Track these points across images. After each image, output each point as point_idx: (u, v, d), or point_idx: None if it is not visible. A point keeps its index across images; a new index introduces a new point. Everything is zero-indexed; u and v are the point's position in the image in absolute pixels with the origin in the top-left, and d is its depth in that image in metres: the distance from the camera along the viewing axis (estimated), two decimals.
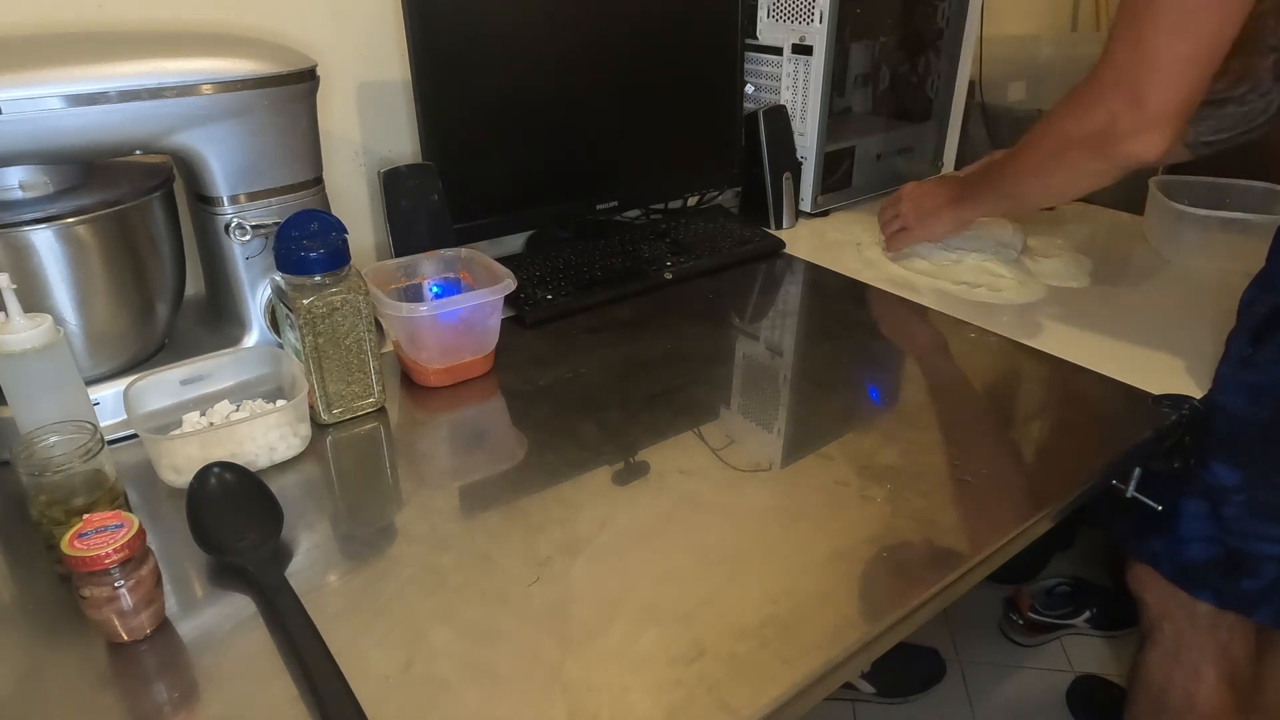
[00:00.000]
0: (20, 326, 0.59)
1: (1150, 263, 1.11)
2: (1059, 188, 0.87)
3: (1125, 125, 0.73)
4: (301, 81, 0.76)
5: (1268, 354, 0.75)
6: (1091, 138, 0.77)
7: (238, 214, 0.76)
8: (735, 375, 0.85)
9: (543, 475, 0.68)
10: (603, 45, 1.04)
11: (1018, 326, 0.92)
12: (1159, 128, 0.72)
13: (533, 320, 0.93)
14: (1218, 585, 0.83)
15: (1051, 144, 0.83)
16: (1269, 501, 0.76)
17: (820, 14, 1.15)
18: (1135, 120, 0.73)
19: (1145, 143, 0.73)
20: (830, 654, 0.51)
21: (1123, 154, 0.75)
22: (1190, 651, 0.90)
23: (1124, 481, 0.82)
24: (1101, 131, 0.75)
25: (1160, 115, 0.71)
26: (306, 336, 0.71)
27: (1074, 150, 0.80)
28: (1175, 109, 0.71)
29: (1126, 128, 0.73)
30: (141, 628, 0.52)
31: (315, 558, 0.60)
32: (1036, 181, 0.87)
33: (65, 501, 0.56)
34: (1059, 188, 0.87)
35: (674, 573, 0.58)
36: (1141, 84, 0.71)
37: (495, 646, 0.52)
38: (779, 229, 1.23)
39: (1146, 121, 0.72)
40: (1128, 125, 0.73)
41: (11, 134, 0.63)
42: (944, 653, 1.40)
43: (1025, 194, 0.91)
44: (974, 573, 0.59)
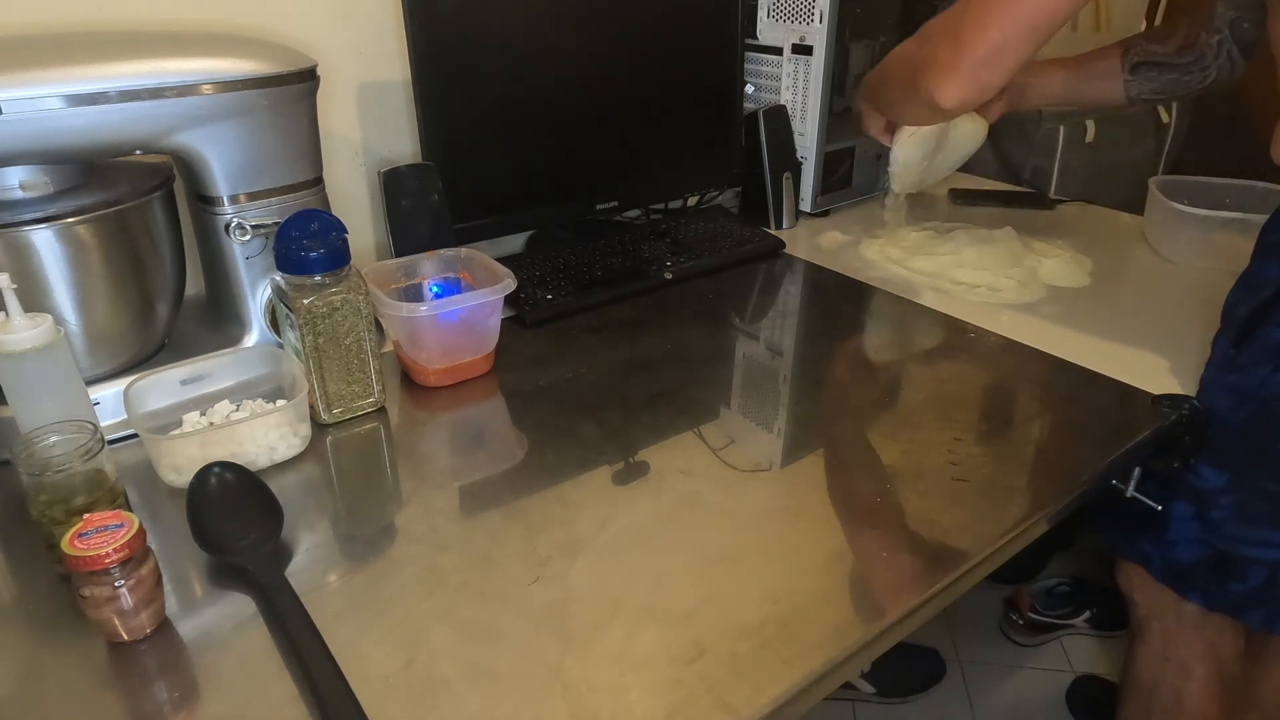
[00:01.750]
0: (20, 326, 0.59)
1: (1150, 263, 1.11)
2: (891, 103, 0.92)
3: (938, 62, 0.76)
4: (301, 81, 0.76)
5: (1249, 355, 0.75)
6: (914, 63, 0.80)
7: (238, 214, 0.76)
8: (735, 375, 0.85)
9: (543, 475, 0.68)
10: (603, 45, 1.05)
11: (1018, 326, 0.92)
12: (962, 75, 0.74)
13: (533, 320, 0.93)
14: (1206, 587, 0.83)
15: (894, 58, 0.87)
16: (1256, 505, 0.76)
17: (820, 14, 1.15)
18: (946, 61, 0.75)
19: (946, 85, 0.75)
20: (830, 654, 0.51)
21: (926, 89, 0.77)
22: (1179, 650, 0.91)
23: (1124, 481, 0.82)
24: (923, 61, 0.78)
25: (967, 64, 0.74)
26: (306, 336, 0.71)
27: (903, 72, 0.83)
28: (982, 61, 0.73)
29: (937, 65, 0.76)
30: (141, 627, 0.52)
31: (315, 557, 0.60)
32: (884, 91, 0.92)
33: (65, 501, 0.56)
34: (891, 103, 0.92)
35: (674, 573, 0.58)
36: (963, 28, 0.74)
37: (495, 646, 0.52)
38: (779, 229, 1.23)
39: (953, 65, 0.75)
40: (939, 63, 0.76)
41: (12, 134, 0.63)
42: (944, 653, 1.40)
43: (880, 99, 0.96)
44: (974, 573, 0.59)
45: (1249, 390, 0.74)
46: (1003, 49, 0.73)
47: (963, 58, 0.74)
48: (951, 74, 0.75)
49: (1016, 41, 0.73)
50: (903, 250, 1.12)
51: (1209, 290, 1.00)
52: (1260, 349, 0.74)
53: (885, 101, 0.95)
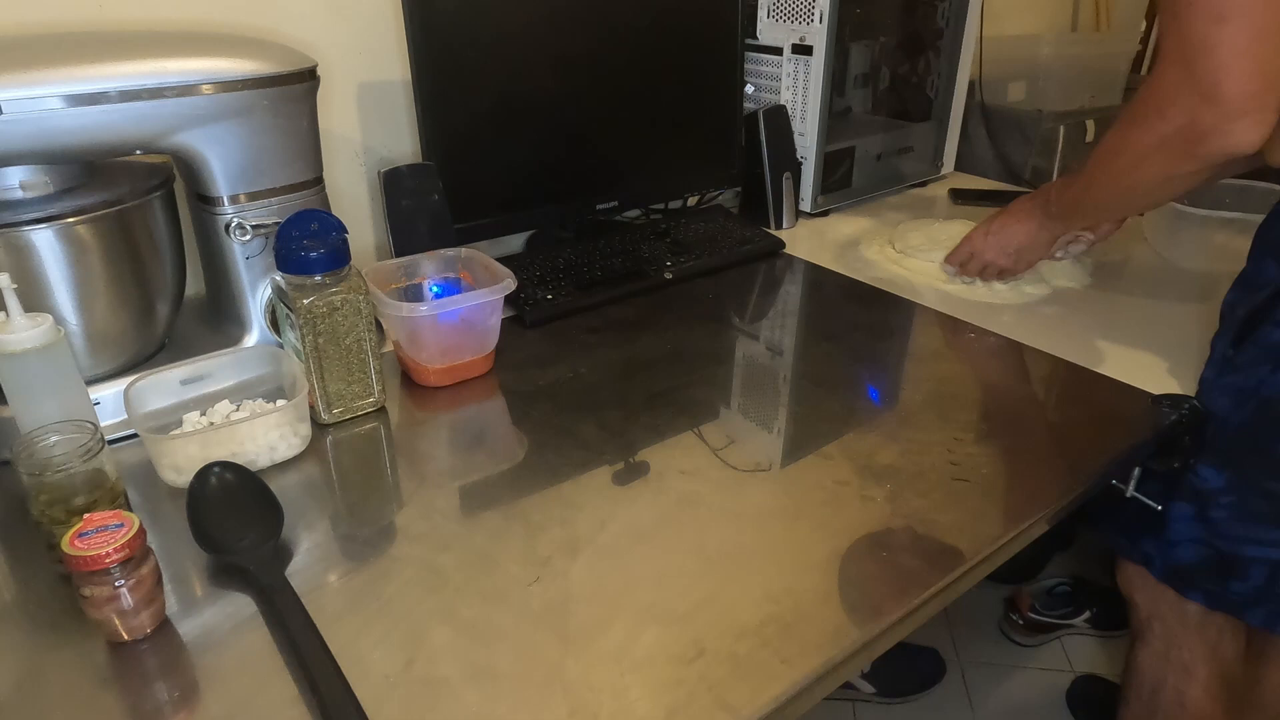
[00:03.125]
0: (21, 326, 0.59)
1: (1150, 263, 1.11)
2: (1150, 194, 0.83)
3: (1207, 122, 0.68)
4: (302, 81, 0.76)
5: (1248, 355, 0.74)
6: (1172, 142, 0.72)
7: (238, 214, 0.76)
8: (735, 375, 0.85)
9: (543, 475, 0.68)
10: (603, 45, 1.05)
11: (1018, 326, 0.92)
12: (1246, 114, 0.67)
13: (533, 320, 0.93)
14: (1207, 586, 0.83)
15: (1129, 157, 0.78)
16: (1255, 505, 0.76)
17: (820, 14, 1.15)
18: (1216, 114, 0.68)
19: (1237, 133, 0.68)
20: (830, 653, 0.51)
21: (1212, 151, 0.70)
22: (1180, 651, 0.91)
23: (1124, 481, 0.82)
24: (1182, 134, 0.70)
25: (1241, 101, 0.66)
26: (307, 336, 0.71)
27: (1155, 158, 0.75)
28: (1255, 91, 0.66)
29: (1209, 124, 0.68)
30: (142, 627, 0.52)
31: (315, 557, 0.60)
32: (1121, 196, 0.84)
33: (66, 501, 0.56)
34: (1150, 194, 0.83)
35: (674, 572, 0.58)
36: (1208, 77, 0.67)
37: (495, 646, 0.52)
38: (779, 229, 1.23)
39: (1229, 113, 0.67)
40: (1210, 121, 0.68)
41: (12, 134, 0.63)
42: (944, 653, 1.40)
43: (1115, 205, 0.89)
44: (974, 573, 0.59)
45: (1248, 390, 0.74)
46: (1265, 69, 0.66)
47: (1232, 97, 0.67)
48: (1240, 117, 0.67)
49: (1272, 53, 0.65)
50: (903, 250, 1.12)
51: (1209, 290, 1.00)
52: (1259, 349, 0.74)
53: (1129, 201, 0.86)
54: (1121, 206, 0.90)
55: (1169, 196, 0.84)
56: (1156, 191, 0.80)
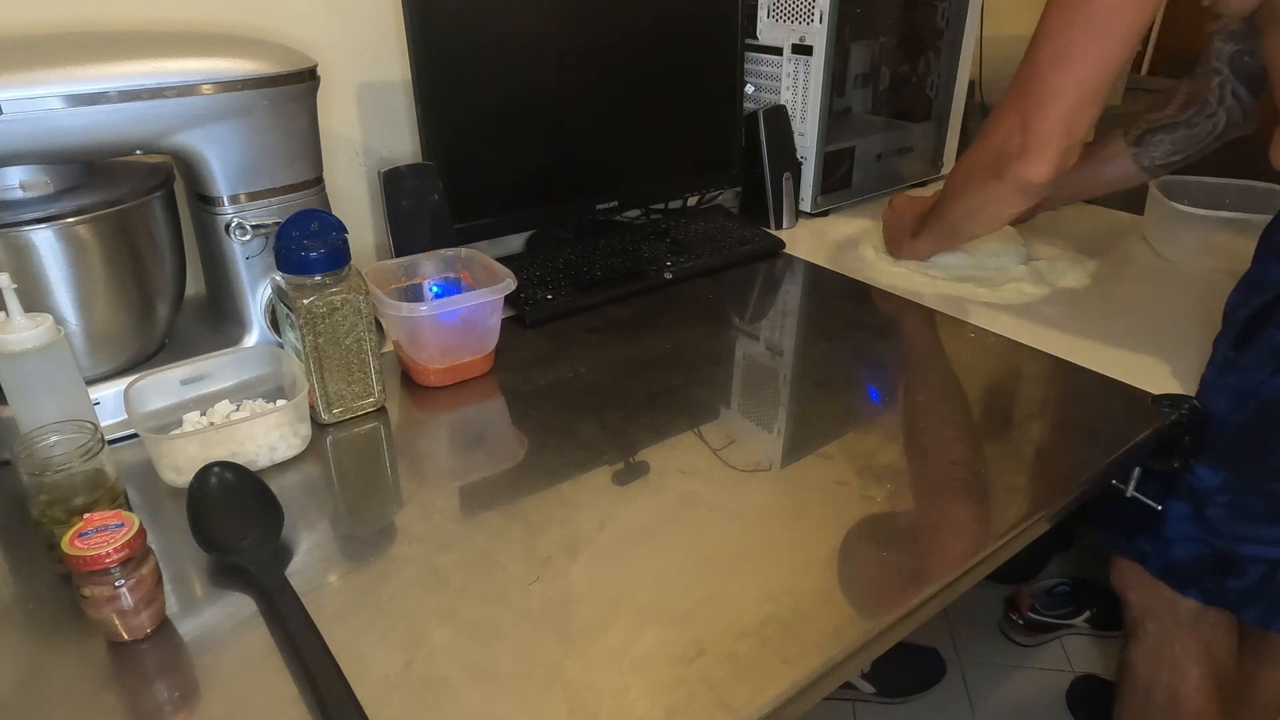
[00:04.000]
0: (21, 326, 0.59)
1: (1150, 263, 1.11)
2: (973, 213, 0.91)
3: (1014, 146, 0.79)
4: (302, 81, 0.76)
5: (1250, 357, 0.75)
6: (990, 159, 0.82)
7: (238, 214, 0.76)
8: (735, 375, 0.85)
9: (543, 475, 0.68)
10: (603, 45, 1.05)
11: (1018, 326, 0.93)
12: (1043, 150, 0.77)
13: (533, 320, 0.93)
14: (1204, 585, 0.84)
15: (963, 169, 0.89)
16: (1252, 504, 0.77)
17: (820, 14, 1.15)
18: (1022, 142, 0.78)
19: (1031, 164, 0.78)
20: (830, 653, 0.51)
21: (1012, 174, 0.80)
22: (1174, 649, 0.91)
23: (1124, 481, 0.82)
24: (997, 154, 0.81)
25: (1044, 138, 0.77)
26: (307, 336, 0.71)
27: (978, 172, 0.85)
28: (1058, 132, 0.77)
29: (1015, 149, 0.79)
30: (142, 627, 0.52)
31: (316, 557, 0.60)
32: (957, 209, 0.93)
33: (66, 501, 0.56)
34: (973, 213, 0.91)
35: (674, 572, 0.58)
36: (1030, 109, 0.77)
37: (495, 646, 0.52)
38: (779, 229, 1.23)
39: (1031, 143, 0.78)
40: (1015, 146, 0.79)
41: (12, 134, 0.63)
42: (944, 653, 1.40)
43: (956, 224, 0.96)
44: (974, 572, 0.59)
45: (1249, 391, 0.74)
46: (1073, 118, 0.76)
47: (1038, 137, 0.77)
48: (1036, 153, 0.78)
49: (1082, 105, 0.76)
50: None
51: (1209, 290, 1.00)
52: (1261, 351, 0.74)
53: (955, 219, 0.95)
54: (957, 220, 0.96)
55: (990, 218, 0.92)
56: (980, 208, 0.90)
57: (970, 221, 0.95)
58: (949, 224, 0.98)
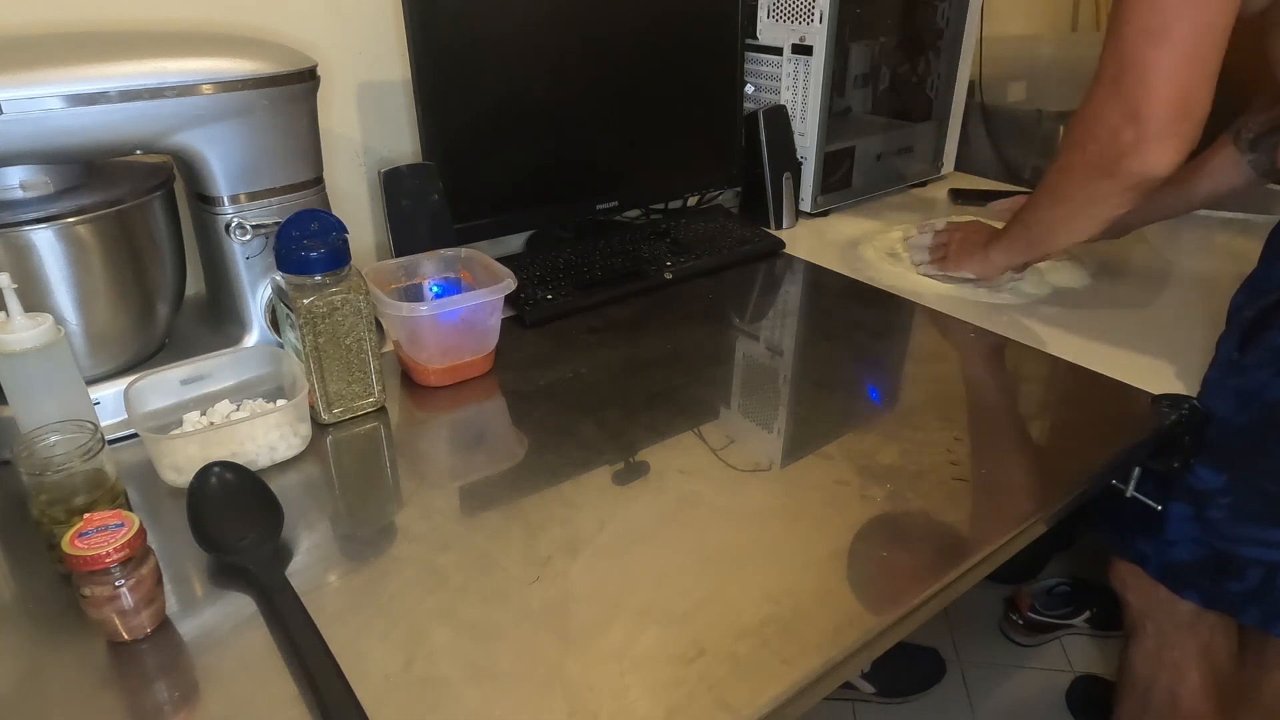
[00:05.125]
0: (21, 326, 0.59)
1: (1150, 263, 1.11)
2: (1076, 219, 0.82)
3: (1127, 140, 0.70)
4: (302, 81, 0.76)
5: (1253, 358, 0.74)
6: (1096, 159, 0.73)
7: (238, 214, 0.76)
8: (735, 375, 0.85)
9: (543, 475, 0.68)
10: (603, 45, 1.04)
11: (1018, 326, 0.93)
12: (1163, 138, 0.68)
13: (533, 320, 0.93)
14: (1203, 586, 0.83)
15: (1059, 172, 0.80)
16: (1254, 506, 0.76)
17: (820, 14, 1.15)
18: (1136, 134, 0.69)
19: (1150, 155, 0.69)
20: (830, 653, 0.51)
21: (1128, 172, 0.71)
22: (1173, 650, 0.91)
23: (1123, 481, 0.82)
24: (1104, 151, 0.72)
25: (1162, 125, 0.68)
26: (307, 336, 0.71)
27: (1080, 174, 0.76)
28: (1174, 115, 0.67)
29: (1128, 143, 0.70)
30: (142, 627, 0.52)
31: (316, 557, 0.60)
32: (1053, 215, 0.84)
33: (66, 501, 0.56)
34: (1076, 219, 0.82)
35: (674, 572, 0.58)
36: (1131, 94, 0.68)
37: (495, 646, 0.52)
38: (779, 229, 1.23)
39: (1148, 133, 0.68)
40: (1129, 140, 0.69)
41: (12, 134, 0.63)
42: (944, 653, 1.40)
43: (1046, 231, 0.87)
44: (974, 572, 0.59)
45: (1251, 393, 0.74)
46: (1188, 95, 0.67)
47: (1156, 124, 0.68)
48: (1155, 142, 0.68)
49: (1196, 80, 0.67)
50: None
51: (1209, 290, 1.00)
52: (1264, 352, 0.74)
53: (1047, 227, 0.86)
54: (1053, 229, 0.86)
55: (1095, 222, 0.81)
56: (1084, 211, 0.80)
57: (1065, 228, 0.85)
58: (1037, 233, 0.89)
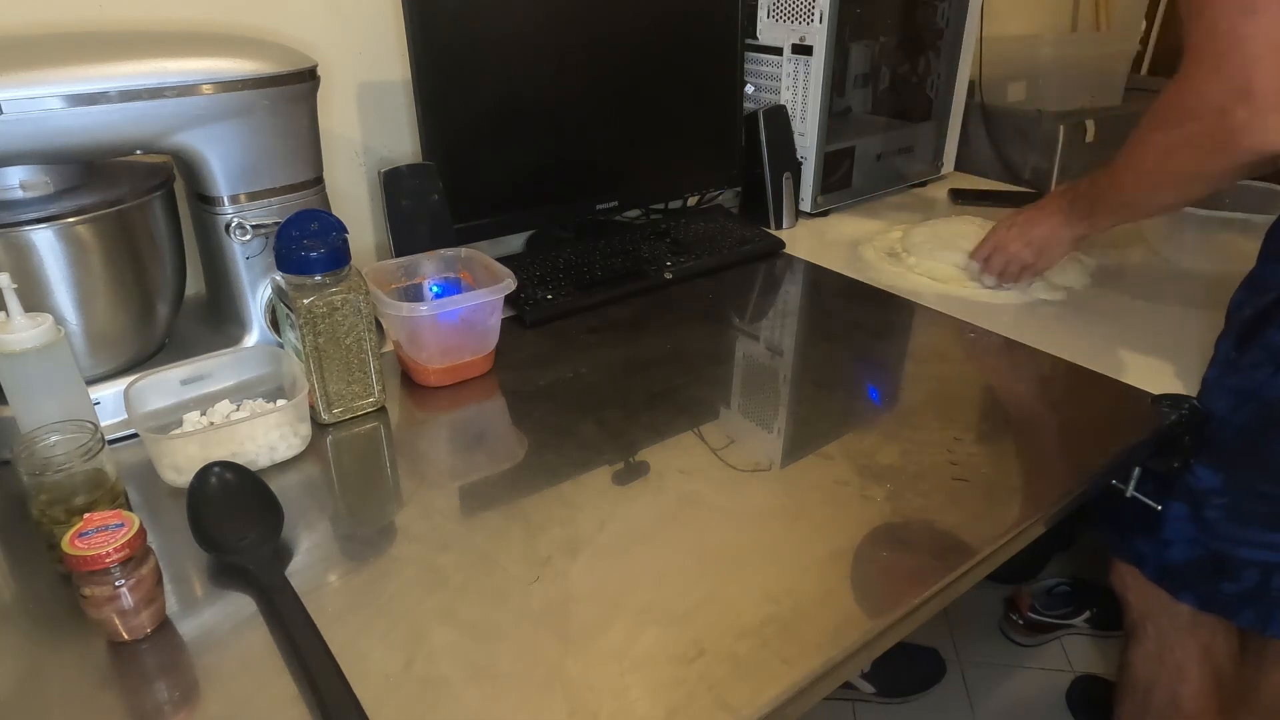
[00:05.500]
0: (21, 326, 0.59)
1: (1150, 263, 1.11)
2: (1173, 195, 0.82)
3: (1240, 119, 0.67)
4: (302, 81, 0.76)
5: (1252, 356, 0.74)
6: (1202, 140, 0.71)
7: (238, 214, 0.76)
8: (735, 375, 0.85)
9: (543, 475, 0.68)
10: (603, 45, 1.04)
11: (1018, 326, 0.93)
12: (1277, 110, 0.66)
13: (533, 320, 0.93)
14: (1199, 588, 0.83)
15: (1156, 154, 0.78)
16: (1250, 506, 0.76)
17: (820, 14, 1.15)
18: (1250, 110, 0.67)
19: (1272, 129, 0.67)
20: (830, 653, 0.51)
21: (1247, 148, 0.69)
22: (1173, 651, 0.91)
23: (1123, 481, 0.82)
24: (1214, 132, 0.70)
25: (1275, 97, 0.66)
26: (307, 336, 0.71)
27: (1184, 156, 0.75)
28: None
29: (1242, 121, 0.67)
30: (142, 627, 0.52)
31: (316, 557, 0.60)
32: (1149, 194, 0.83)
33: (66, 501, 0.56)
34: (1173, 195, 0.82)
35: (674, 572, 0.58)
36: (1240, 72, 0.66)
37: (495, 646, 0.52)
38: (779, 229, 1.23)
39: (1263, 108, 0.66)
40: (1243, 118, 0.67)
41: (12, 134, 0.63)
42: (944, 653, 1.40)
43: (1140, 206, 0.87)
44: (974, 572, 0.59)
45: (1249, 392, 0.74)
46: None
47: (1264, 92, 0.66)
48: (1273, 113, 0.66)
49: None
50: (903, 250, 1.12)
51: (1209, 290, 1.00)
52: (1262, 351, 0.74)
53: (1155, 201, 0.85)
54: (1146, 205, 0.86)
55: (1196, 195, 0.81)
56: (1183, 189, 0.79)
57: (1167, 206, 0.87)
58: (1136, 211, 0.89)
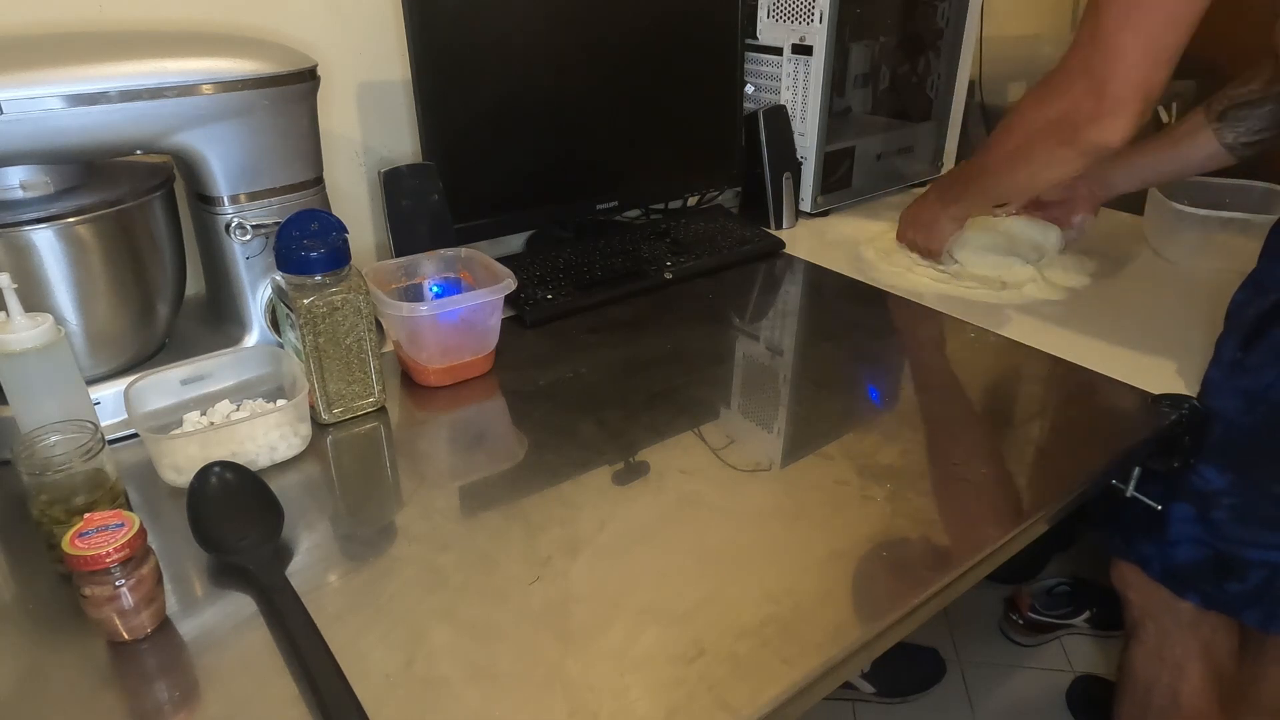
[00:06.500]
0: (21, 326, 0.59)
1: (1150, 263, 1.11)
2: (1031, 176, 0.89)
3: (1086, 111, 0.75)
4: (302, 81, 0.76)
5: (1258, 357, 0.74)
6: (1055, 125, 0.79)
7: (238, 214, 0.76)
8: (735, 375, 0.85)
9: (543, 475, 0.68)
10: (603, 45, 1.04)
11: (1018, 326, 0.93)
12: (1118, 113, 0.74)
13: (533, 320, 0.93)
14: (1204, 588, 0.83)
15: (1020, 134, 0.85)
16: (1258, 507, 0.76)
17: (820, 14, 1.15)
18: (1095, 107, 0.74)
19: (1106, 128, 0.75)
20: (830, 653, 0.51)
21: (1085, 140, 0.77)
22: (1174, 649, 0.91)
23: (1124, 481, 0.82)
24: (1064, 119, 0.77)
25: (1118, 101, 0.73)
26: (307, 336, 0.71)
27: (1040, 139, 0.82)
28: (1132, 94, 0.73)
29: (1087, 114, 0.75)
30: (142, 627, 0.52)
31: (316, 557, 0.60)
32: (1009, 171, 0.90)
33: (66, 501, 0.56)
34: (1031, 176, 0.89)
35: (674, 572, 0.58)
36: (1099, 71, 0.73)
37: (495, 646, 0.52)
38: (779, 229, 1.23)
39: (1106, 107, 0.74)
40: (1088, 111, 0.75)
41: (12, 134, 0.63)
42: (944, 653, 1.40)
43: (1001, 184, 0.94)
44: (974, 572, 0.59)
45: (1258, 393, 0.74)
46: (1148, 79, 0.72)
47: (1114, 100, 0.73)
48: (1111, 117, 0.74)
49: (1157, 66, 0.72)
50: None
51: (1209, 290, 1.00)
52: (1271, 351, 0.73)
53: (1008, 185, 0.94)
54: (1008, 184, 0.93)
55: (1047, 180, 0.89)
56: (1042, 172, 0.86)
57: (1023, 187, 0.95)
58: (998, 191, 0.96)
